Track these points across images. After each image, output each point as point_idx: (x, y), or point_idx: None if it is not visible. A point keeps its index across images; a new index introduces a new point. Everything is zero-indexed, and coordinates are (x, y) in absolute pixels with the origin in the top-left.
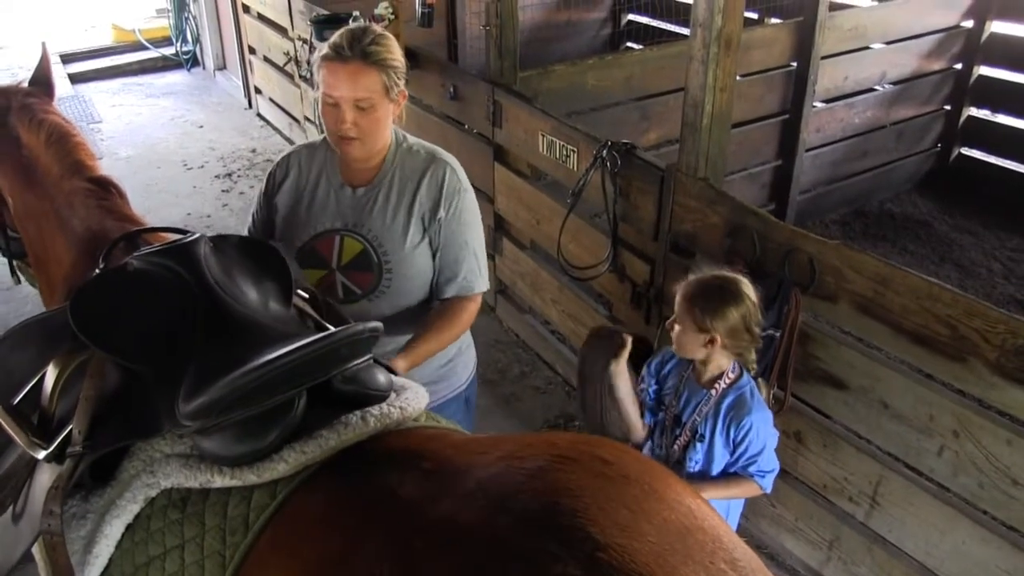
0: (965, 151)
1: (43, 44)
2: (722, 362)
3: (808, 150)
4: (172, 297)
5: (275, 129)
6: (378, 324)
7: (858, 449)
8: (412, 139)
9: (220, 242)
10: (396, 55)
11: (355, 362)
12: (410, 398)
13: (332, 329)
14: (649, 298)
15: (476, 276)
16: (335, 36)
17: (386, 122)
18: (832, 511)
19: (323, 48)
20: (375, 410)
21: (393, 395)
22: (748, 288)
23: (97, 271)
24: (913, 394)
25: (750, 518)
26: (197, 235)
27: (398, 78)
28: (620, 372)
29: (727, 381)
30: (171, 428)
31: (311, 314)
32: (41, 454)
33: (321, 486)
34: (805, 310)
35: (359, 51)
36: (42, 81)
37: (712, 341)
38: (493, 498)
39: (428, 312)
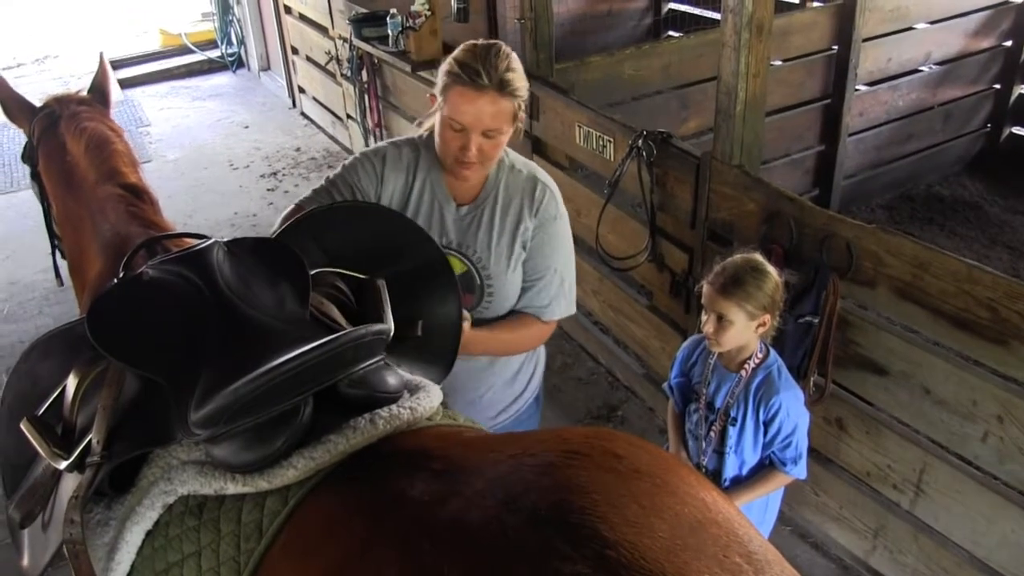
0: (1016, 131)
1: (101, 54)
2: (751, 343)
3: (851, 134)
4: (185, 305)
5: (319, 127)
6: (385, 326)
7: (901, 436)
8: (512, 155)
9: (234, 246)
10: (524, 80)
11: (362, 365)
12: (421, 398)
13: (347, 329)
14: (688, 287)
15: (557, 301)
16: (464, 54)
17: (504, 146)
18: (876, 499)
19: (450, 65)
20: (384, 412)
21: (405, 395)
22: (760, 255)
23: (115, 280)
24: (955, 379)
25: (793, 507)
26: (211, 240)
27: (525, 102)
28: None
29: (756, 361)
30: (184, 437)
31: (330, 315)
32: (62, 464)
33: (332, 490)
34: (843, 296)
35: (496, 80)
36: (99, 89)
37: (763, 324)
38: (502, 497)
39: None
